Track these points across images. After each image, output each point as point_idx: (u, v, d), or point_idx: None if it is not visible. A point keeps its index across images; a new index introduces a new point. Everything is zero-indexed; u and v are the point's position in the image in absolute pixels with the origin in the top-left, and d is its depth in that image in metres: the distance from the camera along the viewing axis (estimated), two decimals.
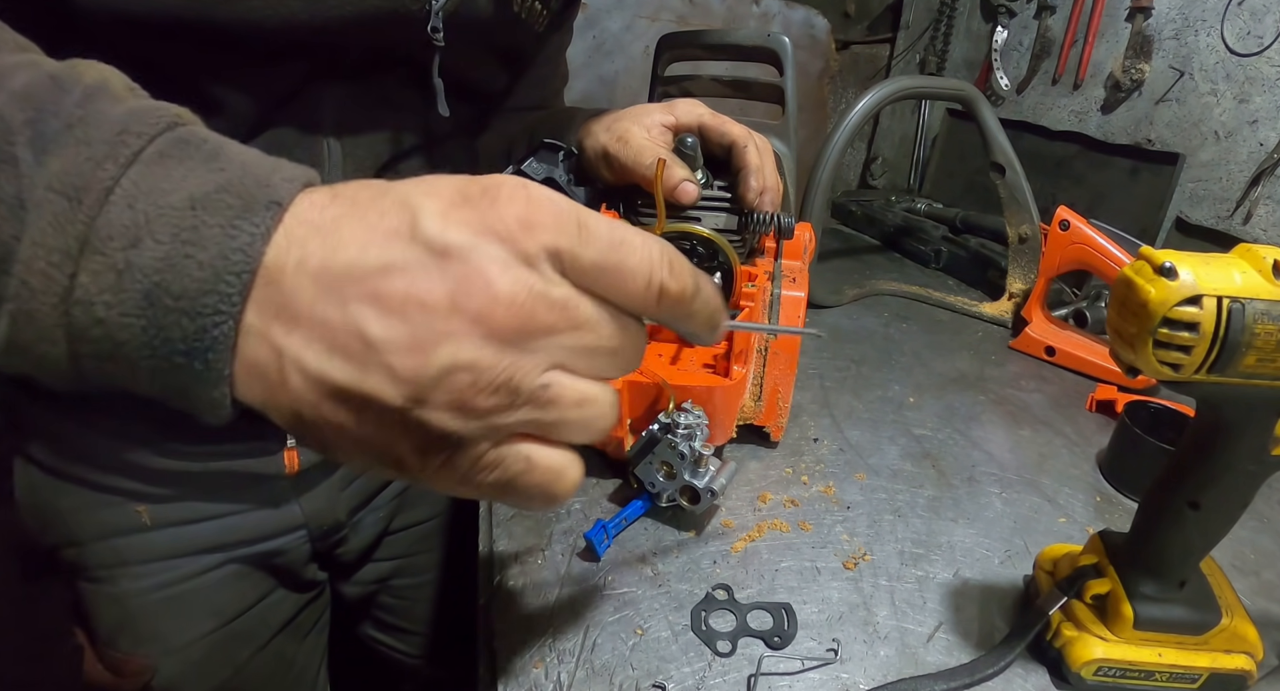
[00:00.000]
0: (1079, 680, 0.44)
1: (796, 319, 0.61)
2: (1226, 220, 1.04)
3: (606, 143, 0.57)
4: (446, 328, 0.22)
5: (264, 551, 0.62)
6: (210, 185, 0.23)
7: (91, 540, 0.57)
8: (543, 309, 0.23)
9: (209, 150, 0.24)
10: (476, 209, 0.23)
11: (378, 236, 0.23)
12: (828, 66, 1.44)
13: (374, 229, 0.23)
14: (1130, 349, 0.36)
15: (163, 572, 0.59)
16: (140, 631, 0.60)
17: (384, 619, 0.80)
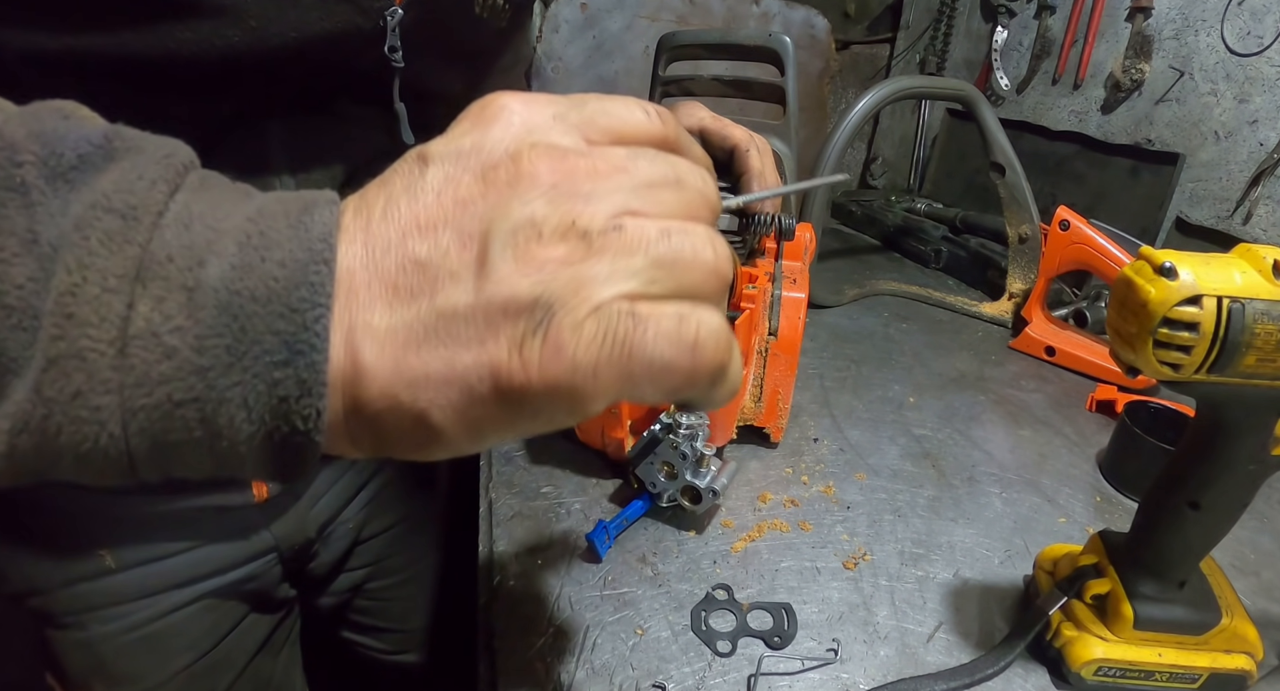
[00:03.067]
0: (1079, 680, 0.44)
1: (798, 320, 0.61)
2: (1226, 220, 1.04)
3: None
4: (487, 206, 0.21)
5: (235, 579, 0.61)
6: (259, 203, 0.21)
7: (55, 588, 0.55)
8: (574, 157, 0.22)
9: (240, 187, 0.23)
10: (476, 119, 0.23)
11: (398, 189, 0.22)
12: (828, 66, 1.44)
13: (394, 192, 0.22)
14: (1130, 349, 0.36)
15: (133, 614, 0.57)
16: (114, 674, 0.58)
17: (360, 621, 0.79)
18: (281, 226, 0.20)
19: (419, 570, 0.81)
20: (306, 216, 0.21)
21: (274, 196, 0.22)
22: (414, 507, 0.78)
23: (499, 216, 0.20)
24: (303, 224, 0.20)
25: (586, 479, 0.59)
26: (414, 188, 0.21)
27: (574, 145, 0.22)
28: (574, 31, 1.24)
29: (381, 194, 0.22)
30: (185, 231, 0.20)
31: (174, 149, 0.22)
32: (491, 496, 0.57)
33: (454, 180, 0.21)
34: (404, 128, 0.48)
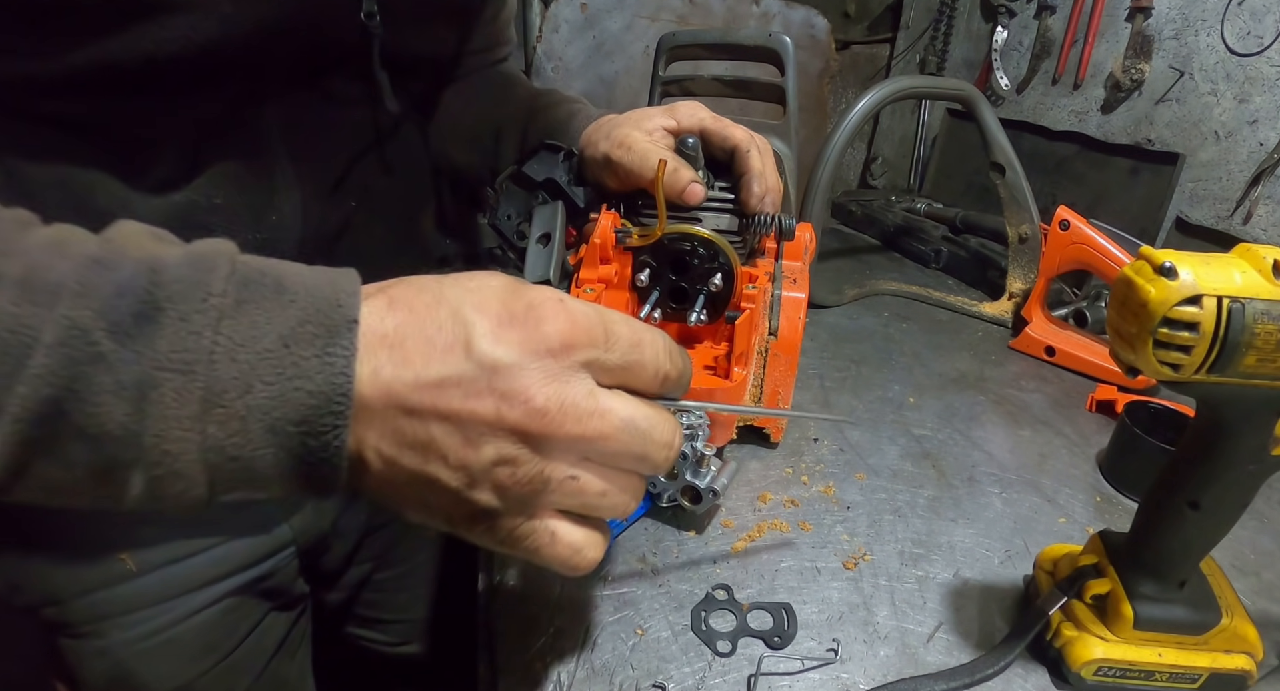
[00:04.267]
0: (1079, 680, 0.44)
1: (798, 320, 0.60)
2: (1226, 220, 1.04)
3: (608, 150, 0.56)
4: (493, 432, 0.28)
5: (255, 576, 0.60)
6: (292, 320, 0.27)
7: (72, 597, 0.54)
8: (571, 421, 0.28)
9: (272, 282, 0.27)
10: (523, 328, 0.28)
11: (437, 351, 0.28)
12: (828, 66, 1.44)
13: (433, 343, 0.28)
14: (1130, 349, 0.36)
15: (154, 618, 0.56)
16: (134, 681, 0.57)
17: (365, 614, 0.80)
18: (312, 354, 0.26)
19: (421, 560, 0.81)
20: (333, 347, 0.26)
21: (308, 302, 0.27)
22: None
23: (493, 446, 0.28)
24: (330, 354, 0.26)
25: None
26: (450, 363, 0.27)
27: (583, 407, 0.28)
28: (574, 31, 1.24)
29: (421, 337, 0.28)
30: (233, 364, 0.25)
31: (209, 278, 0.26)
32: None
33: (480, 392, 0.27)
34: (386, 96, 0.47)
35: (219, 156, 0.45)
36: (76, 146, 0.41)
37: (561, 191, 0.60)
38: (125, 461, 0.26)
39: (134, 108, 0.41)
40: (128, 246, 0.27)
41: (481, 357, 0.27)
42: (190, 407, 0.25)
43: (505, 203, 0.61)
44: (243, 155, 0.46)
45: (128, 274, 0.26)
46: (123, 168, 0.42)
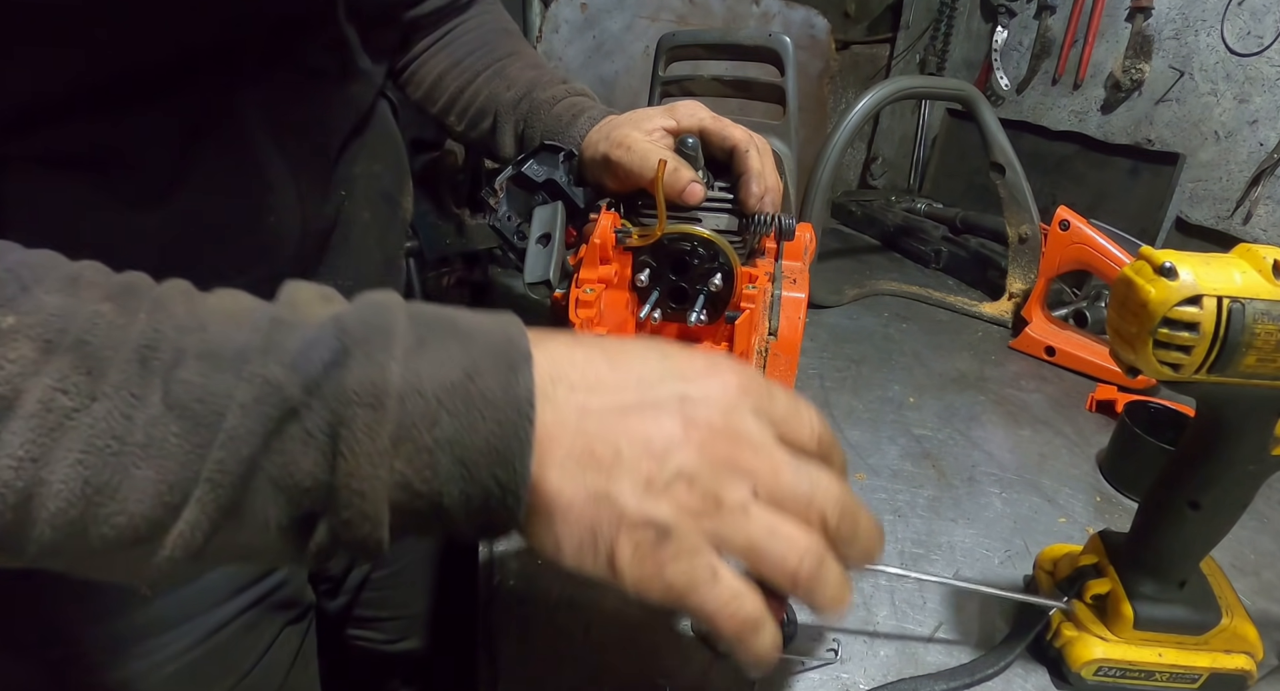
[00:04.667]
0: (1079, 680, 0.44)
1: (798, 320, 0.60)
2: (1226, 220, 1.04)
3: (607, 150, 0.56)
4: (678, 448, 0.28)
5: (269, 588, 0.60)
6: (473, 355, 0.27)
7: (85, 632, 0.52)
8: (749, 450, 0.29)
9: (447, 324, 0.28)
10: (707, 370, 0.31)
11: (631, 382, 0.30)
12: (828, 66, 1.44)
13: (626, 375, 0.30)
14: (1130, 349, 0.36)
15: (173, 643, 0.54)
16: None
17: (364, 614, 0.79)
18: (494, 386, 0.26)
19: (414, 557, 0.81)
20: (514, 378, 0.27)
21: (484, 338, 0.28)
22: None
23: (678, 459, 0.28)
24: (511, 385, 0.27)
25: None
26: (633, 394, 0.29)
27: (756, 439, 0.30)
28: (574, 31, 1.24)
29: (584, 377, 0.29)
30: (420, 398, 0.26)
31: (390, 322, 0.27)
32: None
33: (669, 418, 0.29)
34: (356, 53, 0.45)
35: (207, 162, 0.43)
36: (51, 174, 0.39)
37: (562, 192, 0.60)
38: (314, 511, 0.26)
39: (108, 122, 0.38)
40: (305, 305, 0.28)
41: (672, 389, 0.30)
42: (380, 443, 0.25)
43: (505, 203, 0.61)
44: (231, 158, 0.43)
45: (312, 330, 0.26)
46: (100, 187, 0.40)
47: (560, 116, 0.63)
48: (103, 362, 0.24)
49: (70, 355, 0.24)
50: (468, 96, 0.67)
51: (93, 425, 0.24)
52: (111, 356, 0.24)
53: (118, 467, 0.24)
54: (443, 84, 0.68)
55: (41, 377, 0.23)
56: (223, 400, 0.25)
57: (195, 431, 0.24)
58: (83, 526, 0.24)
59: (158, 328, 0.25)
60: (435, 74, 0.68)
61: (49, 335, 0.24)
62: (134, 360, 0.24)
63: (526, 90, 0.66)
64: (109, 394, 0.24)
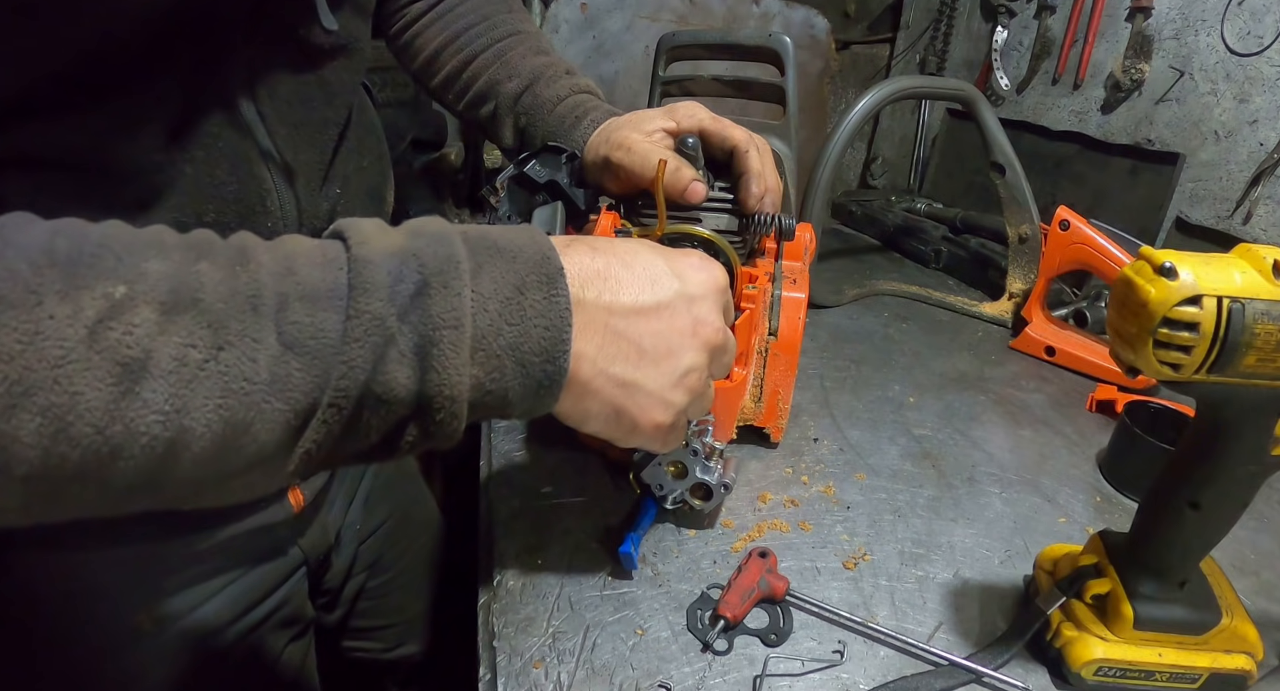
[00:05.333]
0: (1079, 680, 0.44)
1: (798, 320, 0.60)
2: (1226, 220, 1.04)
3: (608, 153, 0.56)
4: (687, 346, 0.38)
5: (272, 607, 0.60)
6: (520, 273, 0.33)
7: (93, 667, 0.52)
8: (726, 341, 0.41)
9: (492, 245, 0.33)
10: (701, 272, 0.40)
11: (648, 284, 0.37)
12: (828, 66, 1.44)
13: (642, 278, 0.37)
14: (1130, 349, 0.36)
15: (174, 676, 0.54)
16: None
17: (360, 625, 0.79)
18: (540, 299, 0.33)
19: (408, 562, 0.81)
20: (554, 291, 0.33)
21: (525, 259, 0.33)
22: (400, 502, 0.78)
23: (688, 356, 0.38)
24: (553, 298, 0.33)
25: (586, 479, 0.59)
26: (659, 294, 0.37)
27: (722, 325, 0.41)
28: (574, 31, 1.24)
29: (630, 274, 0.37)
30: (486, 314, 0.31)
31: (454, 251, 0.31)
32: (491, 496, 0.57)
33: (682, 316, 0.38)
34: (322, 11, 0.44)
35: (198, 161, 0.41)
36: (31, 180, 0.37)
37: (563, 193, 0.60)
38: (408, 416, 0.31)
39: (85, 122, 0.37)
40: (375, 241, 0.31)
41: (683, 289, 0.38)
42: (463, 355, 0.30)
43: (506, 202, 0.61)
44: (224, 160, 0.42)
45: (395, 264, 0.30)
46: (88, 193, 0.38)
47: (563, 119, 0.63)
48: (219, 316, 0.26)
49: (189, 313, 0.26)
50: (466, 77, 0.66)
51: (224, 372, 0.26)
52: (225, 309, 0.27)
53: (251, 405, 0.27)
54: (440, 59, 0.67)
55: (169, 336, 0.25)
56: (333, 334, 0.28)
57: (314, 364, 0.28)
58: (221, 459, 0.27)
59: (256, 277, 0.28)
60: (432, 47, 0.67)
61: (163, 297, 0.26)
62: (246, 309, 0.27)
63: (529, 82, 0.65)
64: (232, 342, 0.26)
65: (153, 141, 0.40)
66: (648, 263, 0.38)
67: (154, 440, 0.25)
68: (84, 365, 0.24)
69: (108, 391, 0.24)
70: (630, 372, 0.36)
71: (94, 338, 0.24)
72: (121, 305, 0.25)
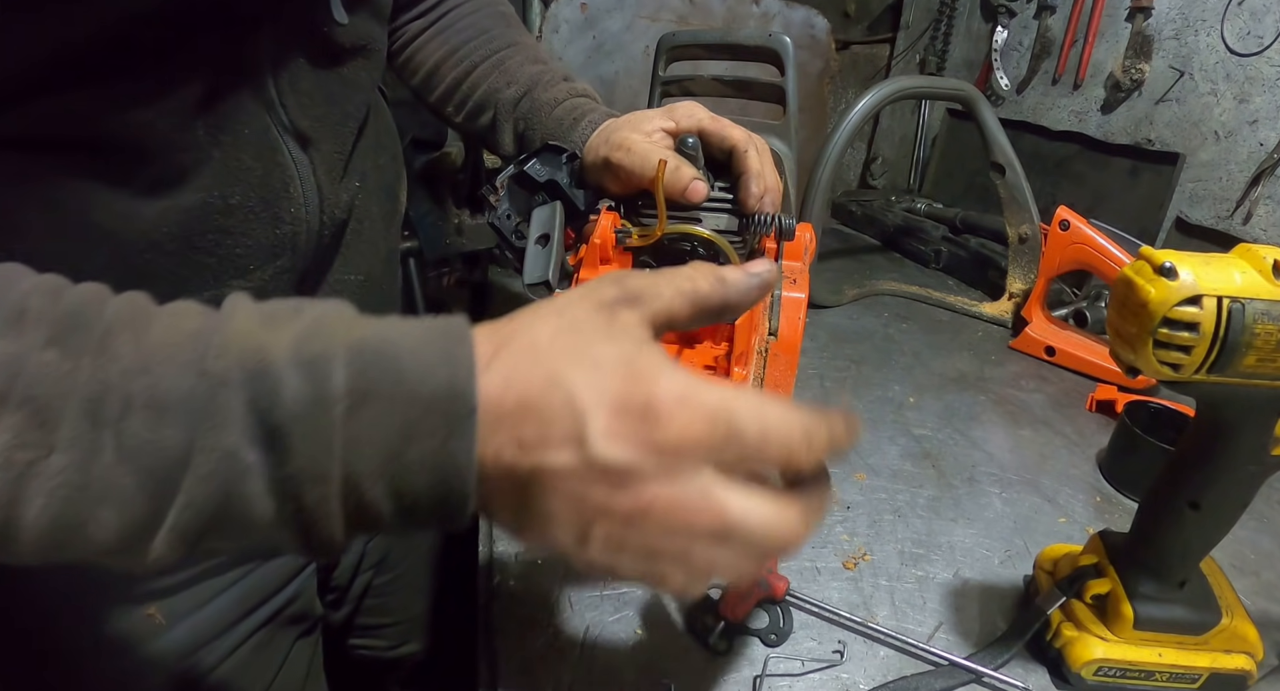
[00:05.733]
0: (1079, 680, 0.44)
1: (798, 320, 0.60)
2: (1226, 220, 1.04)
3: (607, 153, 0.56)
4: (604, 516, 0.28)
5: (280, 604, 0.60)
6: (414, 414, 0.27)
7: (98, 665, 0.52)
8: (682, 515, 0.28)
9: (391, 370, 0.27)
10: (640, 426, 0.27)
11: (554, 443, 0.28)
12: (828, 66, 1.44)
13: (550, 436, 0.28)
14: (1130, 349, 0.36)
15: (188, 671, 0.54)
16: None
17: (366, 622, 0.79)
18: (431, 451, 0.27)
19: (414, 561, 0.81)
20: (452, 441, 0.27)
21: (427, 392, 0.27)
22: None
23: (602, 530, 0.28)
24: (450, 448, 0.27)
25: None
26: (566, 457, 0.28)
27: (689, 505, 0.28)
28: (574, 31, 1.24)
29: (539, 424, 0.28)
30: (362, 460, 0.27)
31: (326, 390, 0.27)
32: None
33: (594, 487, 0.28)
34: (335, 5, 0.44)
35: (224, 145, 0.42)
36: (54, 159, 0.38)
37: (563, 193, 0.60)
38: (275, 540, 0.28)
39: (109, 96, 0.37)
40: (239, 347, 0.27)
41: (594, 459, 0.27)
42: (330, 504, 0.27)
43: (505, 201, 0.61)
44: (251, 142, 0.43)
45: (251, 393, 0.27)
46: (113, 173, 0.39)
47: (561, 120, 0.63)
48: (54, 414, 0.25)
49: (21, 411, 0.25)
50: (465, 89, 0.67)
51: (53, 476, 0.25)
52: (61, 408, 0.25)
53: (82, 508, 0.25)
54: (440, 72, 0.67)
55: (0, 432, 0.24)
56: (176, 456, 0.26)
57: (150, 484, 0.26)
58: (59, 550, 0.26)
59: (103, 377, 0.26)
60: (432, 62, 0.67)
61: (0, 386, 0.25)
62: (82, 414, 0.25)
63: (527, 88, 0.65)
64: (64, 446, 0.25)
65: (181, 123, 0.40)
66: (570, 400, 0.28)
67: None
68: None
69: None
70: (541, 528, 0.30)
71: None
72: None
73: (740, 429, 0.28)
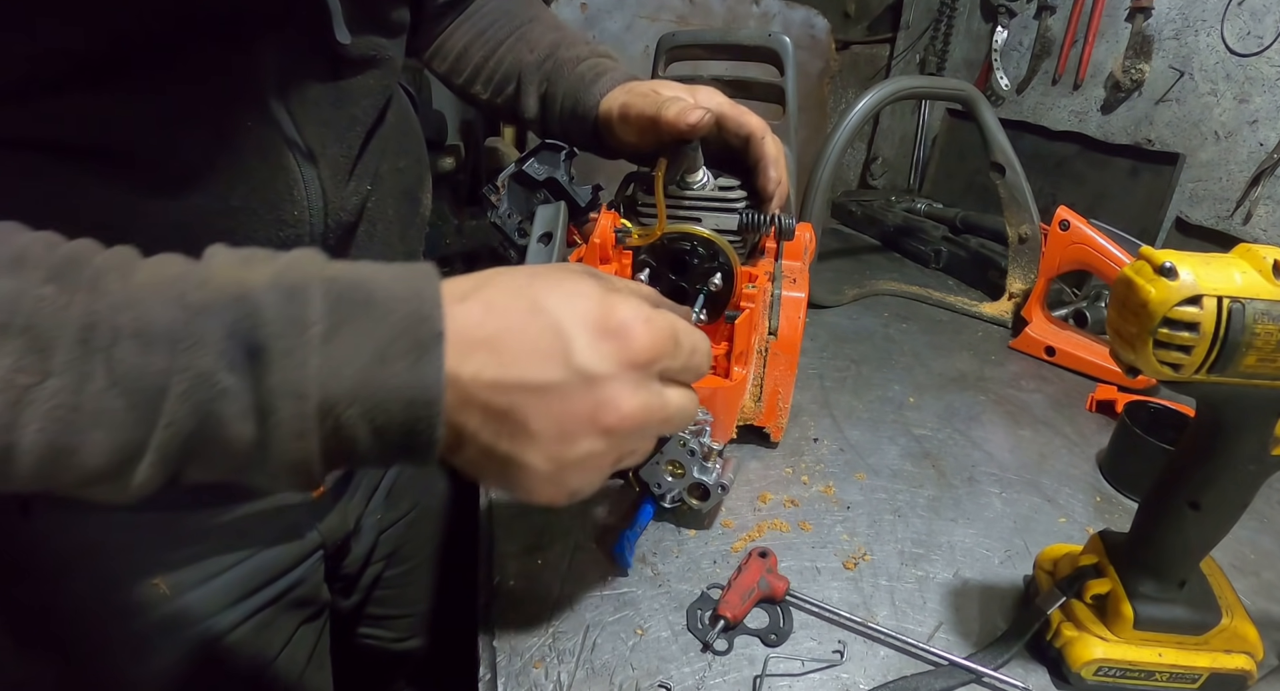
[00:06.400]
0: (1079, 680, 0.44)
1: (798, 320, 0.60)
2: (1226, 220, 1.04)
3: (623, 100, 0.57)
4: (585, 431, 0.32)
5: (286, 586, 0.60)
6: (385, 336, 0.29)
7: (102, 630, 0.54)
8: (650, 420, 0.34)
9: (363, 298, 0.30)
10: (616, 342, 0.32)
11: (539, 358, 0.31)
12: (828, 66, 1.44)
13: (535, 351, 0.31)
14: (1130, 349, 0.36)
15: (190, 641, 0.55)
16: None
17: (375, 613, 0.80)
18: (403, 370, 0.29)
19: (426, 554, 0.81)
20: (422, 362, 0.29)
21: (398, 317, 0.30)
22: (422, 494, 0.78)
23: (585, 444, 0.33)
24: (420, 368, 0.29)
25: None
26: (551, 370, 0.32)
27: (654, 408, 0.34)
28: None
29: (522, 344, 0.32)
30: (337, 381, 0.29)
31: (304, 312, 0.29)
32: (492, 496, 0.57)
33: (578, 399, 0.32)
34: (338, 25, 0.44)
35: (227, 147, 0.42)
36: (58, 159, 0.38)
37: (563, 190, 0.60)
38: (255, 465, 0.30)
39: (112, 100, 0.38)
40: (220, 280, 0.29)
41: (581, 369, 0.32)
42: (307, 422, 0.29)
43: (506, 200, 0.61)
44: (254, 144, 0.43)
45: (231, 317, 0.29)
46: (115, 173, 0.39)
47: (583, 76, 0.63)
48: (50, 343, 0.27)
49: (21, 338, 0.26)
50: (492, 65, 0.68)
51: (49, 399, 0.27)
52: (57, 337, 0.27)
53: (75, 432, 0.27)
54: (468, 55, 0.68)
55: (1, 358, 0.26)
56: (159, 379, 0.28)
57: (138, 406, 0.28)
58: (53, 475, 0.28)
59: (94, 310, 0.28)
60: (460, 47, 0.68)
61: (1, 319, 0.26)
62: (76, 341, 0.27)
63: (550, 51, 0.66)
64: (59, 371, 0.27)
65: (183, 127, 0.40)
66: (549, 326, 0.32)
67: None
68: None
69: None
70: (515, 452, 0.32)
71: None
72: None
73: (679, 343, 0.35)
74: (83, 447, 0.27)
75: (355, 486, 0.65)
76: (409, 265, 0.32)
